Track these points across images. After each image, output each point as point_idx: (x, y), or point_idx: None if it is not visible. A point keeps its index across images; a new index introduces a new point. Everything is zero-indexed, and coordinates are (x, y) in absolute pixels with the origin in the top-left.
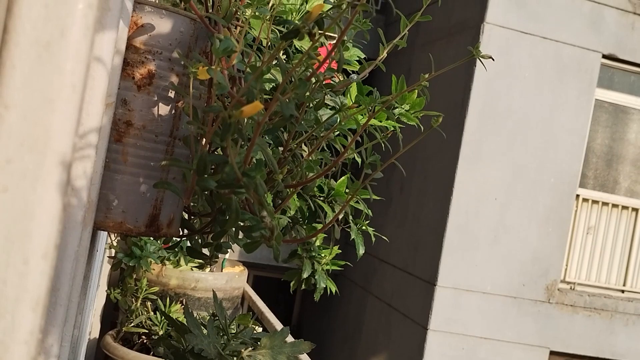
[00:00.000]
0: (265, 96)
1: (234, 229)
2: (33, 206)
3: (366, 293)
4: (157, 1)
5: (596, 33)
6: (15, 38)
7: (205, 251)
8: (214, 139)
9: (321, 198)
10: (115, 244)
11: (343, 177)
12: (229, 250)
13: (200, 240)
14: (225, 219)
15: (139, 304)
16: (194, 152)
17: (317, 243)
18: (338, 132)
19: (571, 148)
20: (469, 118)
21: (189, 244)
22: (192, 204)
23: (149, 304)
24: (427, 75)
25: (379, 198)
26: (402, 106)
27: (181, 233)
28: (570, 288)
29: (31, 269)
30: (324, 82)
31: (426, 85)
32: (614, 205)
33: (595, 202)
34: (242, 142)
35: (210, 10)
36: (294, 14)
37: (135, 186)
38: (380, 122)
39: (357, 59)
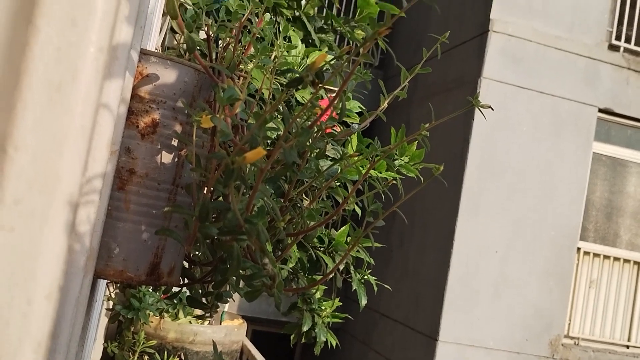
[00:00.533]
0: (267, 147)
1: (234, 277)
2: (39, 246)
3: (367, 347)
4: (162, 50)
5: (592, 88)
6: (27, 80)
7: (206, 300)
8: (216, 186)
9: (321, 249)
10: (113, 295)
11: (344, 228)
12: (228, 302)
13: (200, 289)
14: (226, 267)
15: (136, 358)
16: (196, 200)
17: (318, 295)
18: (339, 182)
19: (571, 201)
20: (467, 170)
21: (189, 294)
22: (193, 252)
23: (146, 357)
24: (427, 125)
25: (380, 245)
26: (402, 158)
27: (182, 282)
28: (575, 343)
29: (34, 309)
30: (325, 132)
31: (426, 135)
32: (616, 259)
33: (596, 255)
34: (245, 190)
35: (215, 61)
36: (296, 67)
37: (137, 234)
38: (380, 173)
39: (357, 110)
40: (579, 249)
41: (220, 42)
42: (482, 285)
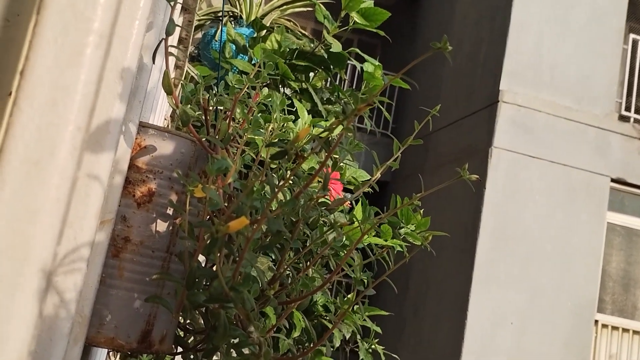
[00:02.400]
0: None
1: (225, 345)
2: (9, 311)
3: None
4: (167, 125)
5: (603, 157)
6: (8, 156)
7: None
8: (203, 253)
9: (327, 318)
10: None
11: (348, 296)
12: None
13: (193, 358)
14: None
15: None
16: (187, 267)
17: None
18: (337, 250)
19: (587, 271)
20: (480, 240)
21: None
22: (186, 320)
23: None
24: (418, 195)
25: (386, 314)
26: (408, 226)
27: (174, 350)
28: None
29: None
30: (318, 201)
31: (418, 204)
32: (635, 332)
33: (615, 328)
34: (235, 257)
35: (212, 132)
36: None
37: (130, 302)
38: (386, 240)
39: (365, 179)
40: (596, 321)
41: (218, 115)
42: (498, 358)
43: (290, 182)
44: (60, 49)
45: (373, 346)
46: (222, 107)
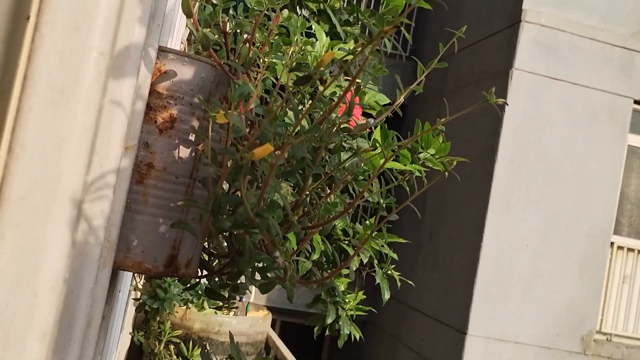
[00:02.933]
0: (282, 142)
1: (250, 269)
2: (43, 241)
3: (396, 341)
4: (184, 49)
5: (627, 78)
6: (33, 85)
7: (223, 292)
8: (228, 180)
9: (346, 242)
10: (140, 286)
11: (369, 220)
12: (245, 294)
13: (218, 281)
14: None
15: (162, 347)
16: (211, 194)
17: (342, 288)
18: (356, 175)
19: (605, 195)
20: (498, 163)
21: (207, 285)
22: (211, 245)
23: (172, 347)
24: (442, 120)
25: (404, 241)
26: (428, 151)
27: (200, 274)
28: (607, 339)
29: (40, 301)
30: (340, 126)
31: (442, 129)
32: None
33: (630, 250)
34: (259, 184)
35: (232, 58)
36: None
37: (155, 227)
38: (405, 165)
39: (385, 102)
40: (612, 243)
41: (238, 38)
42: (513, 280)
43: (313, 107)
44: None
45: (389, 271)
46: (241, 31)
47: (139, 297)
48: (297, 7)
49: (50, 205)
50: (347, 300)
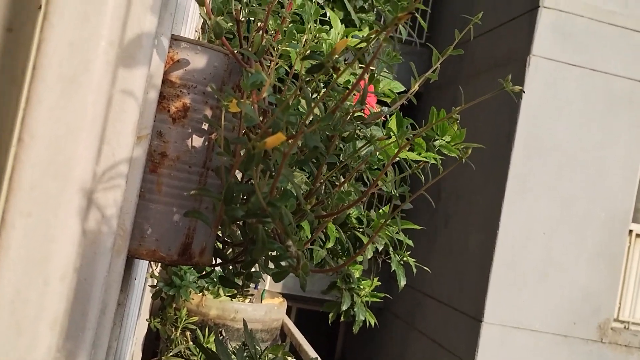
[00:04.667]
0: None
1: (263, 258)
2: (54, 230)
3: (410, 328)
4: (197, 37)
5: None
6: (42, 74)
7: (238, 280)
8: (240, 169)
9: (360, 230)
10: (156, 273)
11: (383, 208)
12: (259, 282)
13: (232, 269)
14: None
15: (178, 334)
16: (224, 183)
17: (357, 275)
18: (371, 164)
19: (623, 182)
20: (515, 150)
21: (221, 274)
22: (225, 234)
23: (188, 333)
24: (458, 108)
25: (419, 228)
26: (443, 138)
27: (214, 262)
28: (624, 327)
29: (50, 289)
30: (354, 115)
31: (457, 118)
32: None
33: None
34: (272, 173)
35: (245, 46)
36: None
37: (169, 215)
38: (420, 154)
39: (400, 90)
40: (630, 231)
41: (251, 26)
42: (529, 267)
43: (326, 95)
44: None
45: (405, 258)
46: (254, 19)
47: (155, 284)
48: None
49: (60, 194)
50: (362, 287)
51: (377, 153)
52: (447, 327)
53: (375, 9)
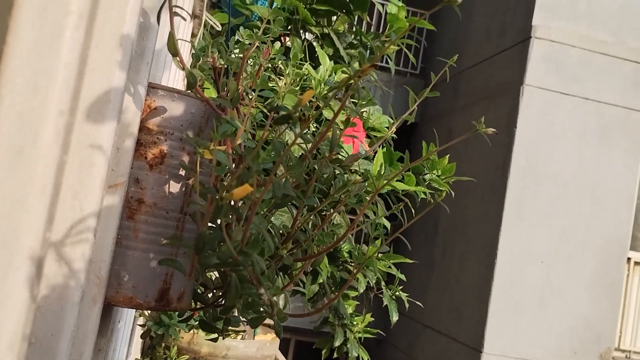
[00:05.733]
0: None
1: (241, 302)
2: (1, 299)
3: (409, 359)
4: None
5: (639, 92)
6: None
7: (219, 324)
8: (210, 220)
9: (352, 264)
10: (146, 312)
11: (375, 243)
12: (238, 327)
13: (212, 313)
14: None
15: None
16: (200, 229)
17: (350, 311)
18: (361, 197)
19: (619, 209)
20: (511, 179)
21: (203, 317)
22: (199, 281)
23: None
24: (436, 149)
25: (411, 262)
26: (433, 172)
27: (195, 306)
28: (626, 357)
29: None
30: (334, 157)
31: (435, 159)
32: None
33: None
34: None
35: (222, 91)
36: (321, 85)
37: (146, 261)
38: (409, 187)
39: (387, 124)
40: (629, 259)
41: (228, 72)
42: (528, 296)
43: (301, 140)
44: (39, 31)
45: (397, 293)
46: (231, 66)
47: (144, 323)
48: (301, 32)
49: (8, 264)
50: (355, 323)
51: (367, 186)
52: (446, 358)
53: (365, 46)
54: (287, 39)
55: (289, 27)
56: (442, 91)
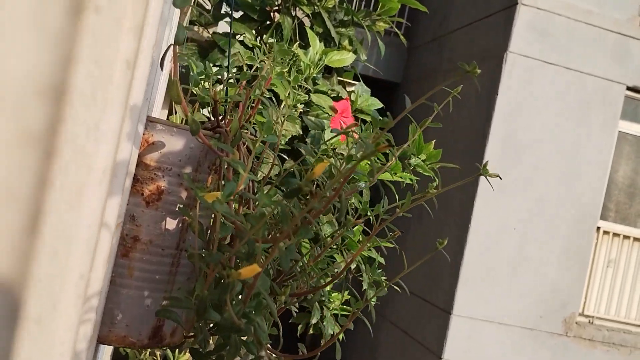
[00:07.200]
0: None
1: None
2: None
3: (383, 319)
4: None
5: (621, 65)
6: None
7: None
8: (213, 297)
9: (334, 247)
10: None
11: (357, 227)
12: None
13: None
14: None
15: None
16: (197, 271)
17: (327, 288)
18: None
19: (593, 180)
20: (489, 147)
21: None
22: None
23: None
24: (429, 120)
25: (392, 246)
26: (419, 157)
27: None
28: (589, 322)
29: None
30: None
31: (438, 125)
32: (636, 239)
33: (616, 235)
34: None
35: (222, 124)
36: (312, 67)
37: (140, 300)
38: (396, 174)
39: (377, 107)
40: (598, 228)
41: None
42: (499, 263)
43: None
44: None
45: (377, 278)
46: (232, 95)
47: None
48: (293, 10)
49: None
50: (332, 300)
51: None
52: (418, 319)
53: (356, 24)
54: (277, 15)
55: (279, 4)
56: (425, 53)
